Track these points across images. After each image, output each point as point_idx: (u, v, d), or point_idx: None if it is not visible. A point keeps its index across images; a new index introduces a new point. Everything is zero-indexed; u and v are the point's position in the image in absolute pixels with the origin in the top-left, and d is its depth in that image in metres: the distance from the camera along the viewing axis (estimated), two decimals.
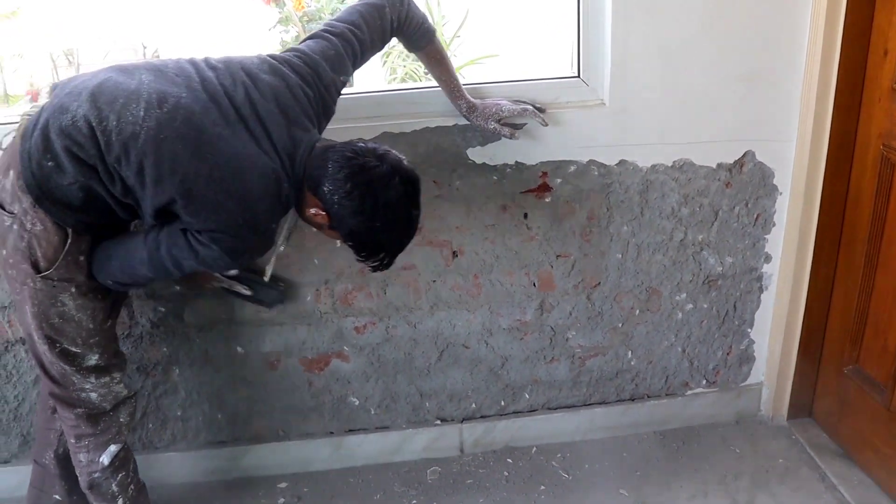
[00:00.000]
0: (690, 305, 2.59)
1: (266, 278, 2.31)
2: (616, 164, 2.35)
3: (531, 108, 2.22)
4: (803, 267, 2.51)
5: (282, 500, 2.51)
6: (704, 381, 2.73)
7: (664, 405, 2.72)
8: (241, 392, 2.54)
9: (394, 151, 1.83)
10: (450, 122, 2.26)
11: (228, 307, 2.41)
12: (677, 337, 2.63)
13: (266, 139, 1.77)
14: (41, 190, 1.75)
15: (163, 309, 2.40)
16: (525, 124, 2.25)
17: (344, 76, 1.98)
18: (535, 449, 2.69)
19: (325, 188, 1.76)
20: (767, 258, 2.55)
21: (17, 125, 1.82)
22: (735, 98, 2.31)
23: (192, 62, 1.85)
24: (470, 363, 2.58)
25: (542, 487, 2.52)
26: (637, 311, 2.57)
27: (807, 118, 2.33)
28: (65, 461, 2.19)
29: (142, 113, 1.69)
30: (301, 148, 1.81)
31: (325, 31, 1.97)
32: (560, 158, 2.32)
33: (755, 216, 2.48)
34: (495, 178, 2.33)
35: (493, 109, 2.20)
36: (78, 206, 1.79)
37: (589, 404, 2.70)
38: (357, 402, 2.60)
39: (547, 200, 2.38)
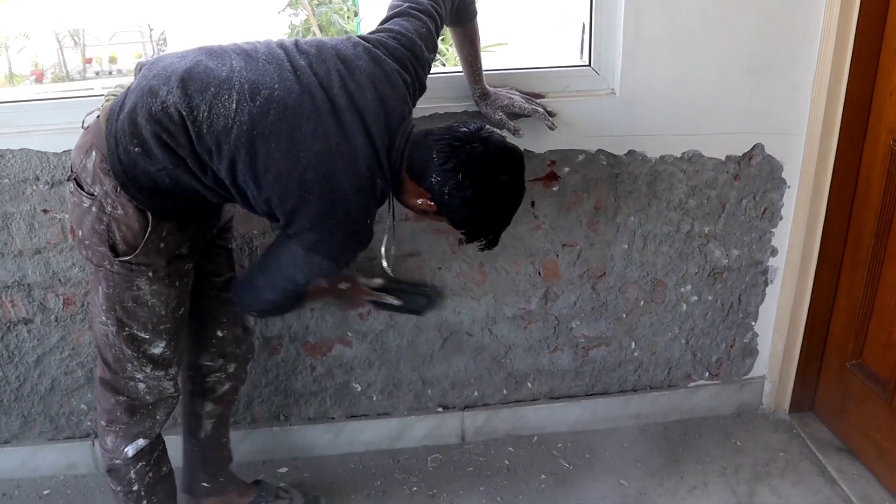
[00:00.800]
0: (695, 297, 2.58)
1: (389, 270, 2.21)
2: (625, 154, 2.34)
3: (542, 110, 2.19)
4: (809, 261, 2.50)
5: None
6: (707, 374, 2.72)
7: (666, 397, 2.72)
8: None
9: (495, 130, 1.80)
10: (458, 109, 2.25)
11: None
12: (681, 329, 2.63)
13: (362, 131, 1.72)
14: (127, 175, 1.71)
15: None
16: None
17: (434, 54, 1.94)
18: (536, 438, 2.69)
19: (433, 179, 1.73)
20: (773, 252, 2.55)
21: (101, 105, 1.78)
22: (745, 90, 2.30)
23: (283, 46, 1.79)
24: (473, 351, 2.57)
25: (543, 476, 2.52)
26: (642, 302, 2.57)
27: (817, 112, 2.32)
28: (208, 445, 2.25)
29: (234, 105, 1.66)
30: (399, 138, 1.77)
31: (412, 8, 1.90)
32: (569, 147, 2.31)
33: (762, 209, 2.47)
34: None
35: (505, 101, 2.18)
36: (164, 192, 1.75)
37: (591, 394, 2.70)
38: (359, 389, 2.60)
39: (554, 189, 2.37)
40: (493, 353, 2.59)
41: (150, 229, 1.78)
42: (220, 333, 2.16)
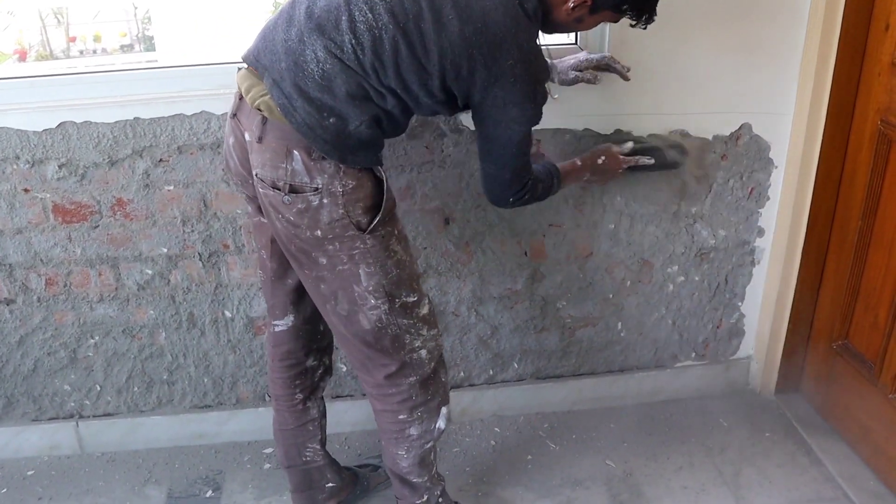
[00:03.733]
0: (682, 278, 2.58)
1: (556, 97, 2.15)
2: (612, 134, 2.32)
3: (610, 55, 2.18)
4: (796, 242, 2.50)
5: (268, 465, 2.51)
6: (694, 354, 2.73)
7: (653, 377, 2.73)
8: (228, 356, 2.53)
9: None
10: None
11: (216, 271, 2.39)
12: (668, 309, 2.62)
13: None
14: (341, 149, 1.68)
15: (149, 272, 2.37)
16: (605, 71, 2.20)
17: None
18: (522, 418, 2.69)
19: None
20: (760, 232, 2.54)
21: (252, 109, 1.72)
22: (733, 69, 2.29)
23: None
24: (459, 331, 2.57)
25: (529, 457, 2.52)
26: (628, 283, 2.56)
27: (805, 92, 2.31)
28: (324, 448, 2.23)
29: (370, 14, 1.63)
30: None
31: None
32: (555, 126, 2.29)
33: (749, 189, 2.47)
34: None
35: (572, 61, 2.16)
36: (373, 141, 1.73)
37: (578, 375, 2.70)
38: (344, 369, 2.59)
39: None
40: (479, 333, 2.58)
41: (384, 183, 1.77)
42: (321, 328, 2.14)
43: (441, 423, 2.03)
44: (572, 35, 2.31)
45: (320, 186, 1.69)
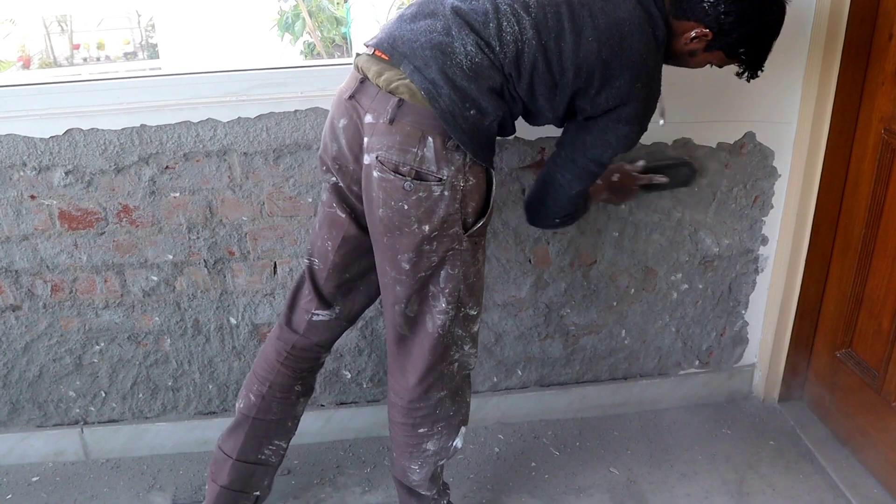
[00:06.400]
0: (686, 286, 2.58)
1: (662, 123, 2.11)
2: None
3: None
4: (800, 250, 2.50)
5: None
6: (697, 362, 2.73)
7: (656, 385, 2.73)
8: (233, 363, 2.53)
9: None
10: None
11: (221, 278, 2.39)
12: (671, 317, 2.63)
13: None
14: (475, 141, 1.70)
15: (155, 278, 2.38)
16: None
17: None
18: (526, 425, 2.69)
19: (704, 4, 1.70)
20: (764, 240, 2.55)
21: (383, 93, 1.71)
22: (737, 78, 2.29)
23: None
24: None
25: (533, 464, 2.53)
26: (632, 290, 2.57)
27: (809, 101, 2.32)
28: (286, 450, 2.19)
29: (516, 26, 1.66)
30: None
31: None
32: (560, 134, 2.30)
33: (753, 198, 2.48)
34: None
35: None
36: (494, 140, 1.76)
37: (582, 382, 2.70)
38: (349, 376, 2.60)
39: None
40: (483, 340, 2.58)
41: (493, 185, 1.79)
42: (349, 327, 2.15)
43: (458, 443, 2.04)
44: None
45: (444, 178, 1.70)
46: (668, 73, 2.24)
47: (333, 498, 2.42)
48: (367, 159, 1.74)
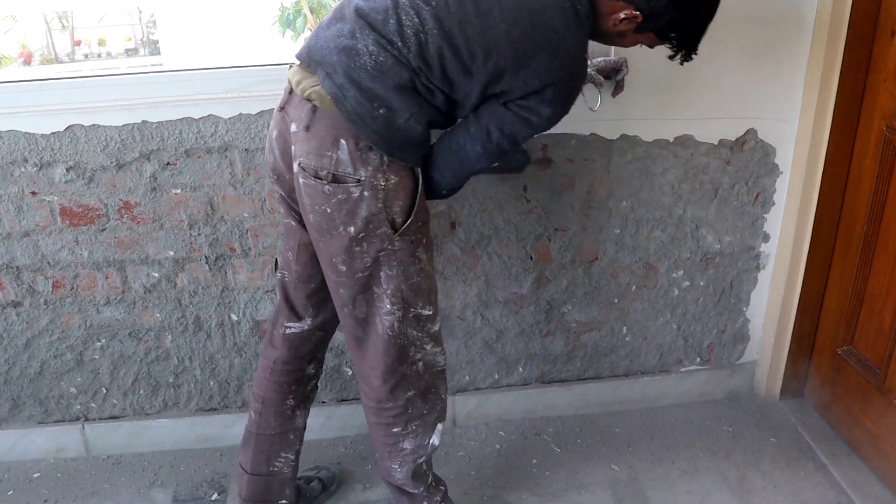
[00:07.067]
0: (687, 283, 2.58)
1: (596, 108, 2.18)
2: (617, 139, 2.33)
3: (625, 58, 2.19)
4: (801, 247, 2.50)
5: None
6: (698, 359, 2.73)
7: (657, 381, 2.73)
8: (234, 359, 2.53)
9: None
10: None
11: (222, 274, 2.39)
12: (673, 314, 2.63)
13: None
14: (388, 141, 1.68)
15: (156, 275, 2.38)
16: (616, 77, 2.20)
17: None
18: (527, 422, 2.69)
19: None
20: (766, 237, 2.55)
21: (301, 100, 1.73)
22: (739, 74, 2.29)
23: None
24: (465, 335, 2.57)
25: (534, 461, 2.52)
26: (634, 287, 2.57)
27: (811, 97, 2.31)
28: (297, 460, 2.20)
29: (416, 20, 1.63)
30: None
31: None
32: (561, 131, 2.30)
33: (755, 195, 2.47)
34: None
35: (594, 62, 2.18)
36: (420, 140, 1.73)
37: (583, 379, 2.70)
38: (350, 372, 2.60)
39: (547, 173, 2.36)
40: (484, 337, 2.58)
41: (421, 184, 1.77)
42: (328, 338, 2.16)
43: (435, 440, 2.04)
44: None
45: (363, 178, 1.70)
46: (670, 69, 2.25)
47: (335, 494, 2.42)
48: (294, 167, 1.76)
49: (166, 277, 2.39)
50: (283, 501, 2.21)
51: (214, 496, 2.43)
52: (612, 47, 2.20)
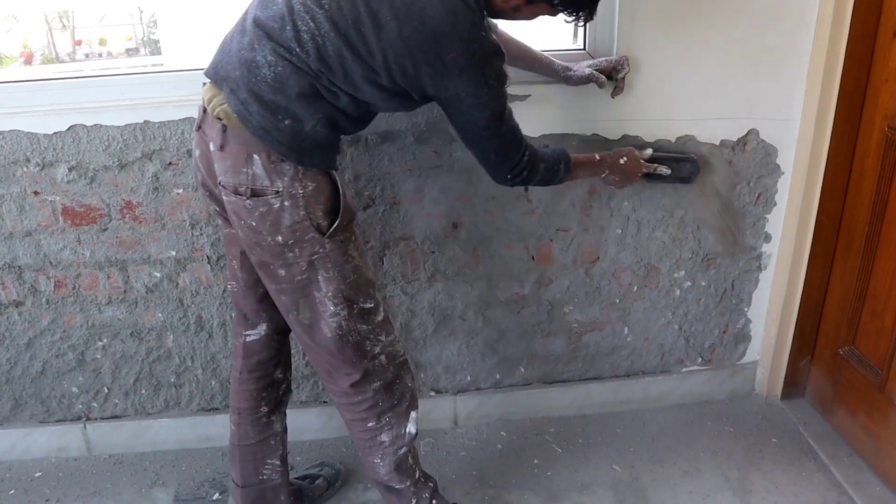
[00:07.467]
0: (689, 283, 2.58)
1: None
2: (619, 139, 2.33)
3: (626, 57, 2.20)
4: (803, 247, 2.50)
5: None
6: (700, 359, 2.73)
7: (659, 382, 2.73)
8: None
9: None
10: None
11: (224, 274, 2.39)
12: (674, 314, 2.63)
13: None
14: (298, 150, 1.70)
15: (158, 274, 2.38)
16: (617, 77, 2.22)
17: None
18: (528, 422, 2.69)
19: None
20: (767, 238, 2.55)
21: (212, 119, 1.75)
22: (741, 75, 2.29)
23: None
24: (466, 335, 2.57)
25: (536, 461, 2.52)
26: (635, 288, 2.56)
27: (812, 98, 2.31)
28: (285, 465, 2.21)
29: (311, 23, 1.64)
30: None
31: None
32: (563, 132, 2.30)
33: (756, 195, 2.47)
34: None
35: (591, 60, 2.20)
36: (329, 143, 1.75)
37: (584, 379, 2.70)
38: None
39: None
40: (486, 337, 2.58)
41: (339, 183, 1.79)
42: (289, 340, 2.18)
43: (411, 428, 2.04)
44: (580, 40, 2.32)
45: (281, 189, 1.72)
46: (672, 70, 2.26)
47: (336, 495, 2.42)
48: (219, 185, 1.78)
49: (168, 277, 2.39)
50: None
51: (216, 496, 2.43)
52: (615, 47, 2.21)
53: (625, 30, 2.20)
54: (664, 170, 2.27)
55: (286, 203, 1.72)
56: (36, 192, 2.24)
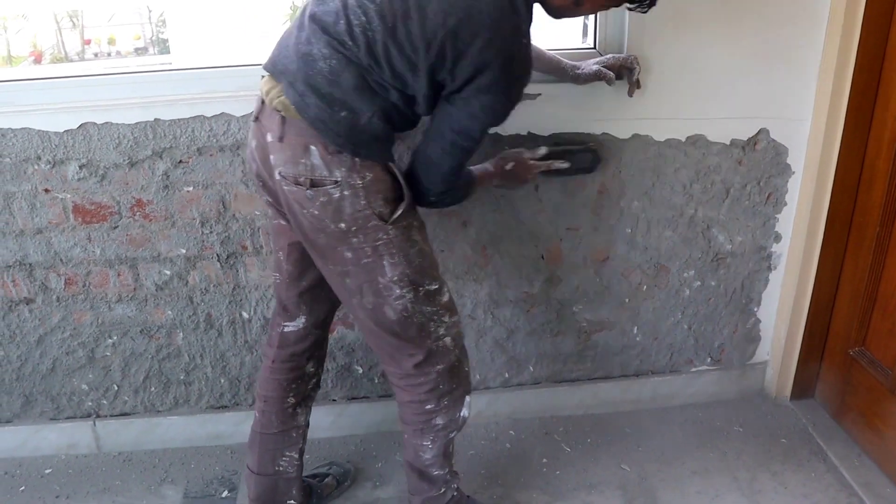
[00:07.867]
0: (698, 283, 2.57)
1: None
2: (629, 138, 2.33)
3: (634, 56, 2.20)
4: (813, 247, 2.50)
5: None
6: (709, 359, 2.72)
7: (668, 382, 2.72)
8: (245, 357, 2.54)
9: None
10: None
11: (234, 272, 2.40)
12: (684, 314, 2.62)
13: None
14: (354, 142, 1.71)
15: (168, 272, 2.38)
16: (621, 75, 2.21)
17: None
18: (537, 421, 2.69)
19: None
20: (777, 238, 2.54)
21: (271, 111, 1.76)
22: (751, 74, 2.28)
23: None
24: (475, 334, 2.57)
25: (545, 460, 2.52)
26: (645, 287, 2.56)
27: (823, 97, 2.31)
28: (301, 459, 2.22)
29: (364, 18, 1.66)
30: None
31: None
32: (573, 130, 2.30)
33: (767, 195, 2.47)
34: (507, 148, 2.29)
35: (598, 57, 2.20)
36: (384, 136, 1.77)
37: (593, 379, 2.70)
38: (361, 371, 2.60)
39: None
40: (495, 336, 2.58)
41: (398, 173, 1.80)
42: (327, 335, 2.20)
43: (465, 412, 2.06)
44: (590, 38, 2.32)
45: (340, 179, 1.73)
46: (682, 69, 2.25)
47: (345, 492, 2.42)
48: (276, 175, 1.79)
49: (178, 275, 2.40)
50: (291, 502, 2.22)
51: (225, 493, 2.44)
52: (625, 45, 2.21)
53: (635, 28, 2.19)
54: (560, 164, 2.22)
55: (346, 192, 1.74)
56: (47, 190, 2.25)
